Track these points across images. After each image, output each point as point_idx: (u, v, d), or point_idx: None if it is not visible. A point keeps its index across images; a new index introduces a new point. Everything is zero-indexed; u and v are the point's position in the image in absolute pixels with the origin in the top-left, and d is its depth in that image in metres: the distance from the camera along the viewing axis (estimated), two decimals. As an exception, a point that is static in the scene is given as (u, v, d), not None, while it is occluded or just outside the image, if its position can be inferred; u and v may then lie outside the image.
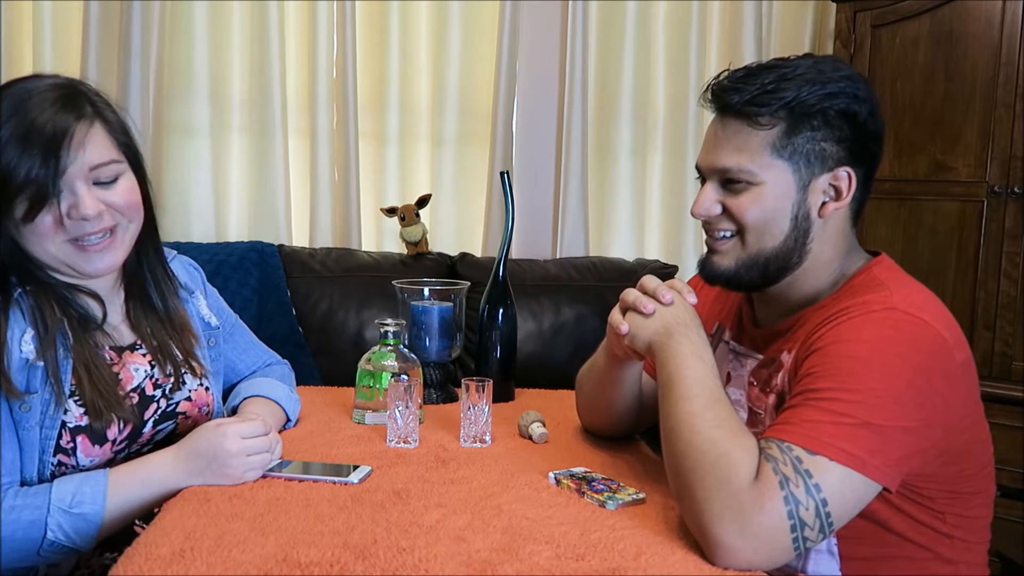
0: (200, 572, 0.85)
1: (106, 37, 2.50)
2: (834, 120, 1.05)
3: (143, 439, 1.17)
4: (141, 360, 1.19)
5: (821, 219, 1.08)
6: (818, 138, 1.06)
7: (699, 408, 0.99)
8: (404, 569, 0.86)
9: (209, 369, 1.29)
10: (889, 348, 0.97)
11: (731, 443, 0.95)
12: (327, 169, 2.65)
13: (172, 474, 1.08)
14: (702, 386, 1.01)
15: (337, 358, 2.29)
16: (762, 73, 1.06)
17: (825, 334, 1.02)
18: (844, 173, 1.07)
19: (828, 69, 1.06)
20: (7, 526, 1.00)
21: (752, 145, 1.06)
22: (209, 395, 1.26)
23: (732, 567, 0.90)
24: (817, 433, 0.93)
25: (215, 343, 1.34)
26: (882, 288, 1.05)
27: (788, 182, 1.07)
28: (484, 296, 1.62)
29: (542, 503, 1.06)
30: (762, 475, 0.91)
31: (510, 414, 1.43)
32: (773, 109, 1.05)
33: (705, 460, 0.94)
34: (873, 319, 1.00)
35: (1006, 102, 2.31)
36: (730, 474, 0.92)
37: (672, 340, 1.07)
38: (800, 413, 0.96)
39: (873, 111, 1.07)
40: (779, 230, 1.08)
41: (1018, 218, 2.30)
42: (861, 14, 2.52)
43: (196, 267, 1.40)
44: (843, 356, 0.98)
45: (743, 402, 1.18)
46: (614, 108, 2.80)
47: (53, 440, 1.07)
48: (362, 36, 2.67)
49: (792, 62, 1.07)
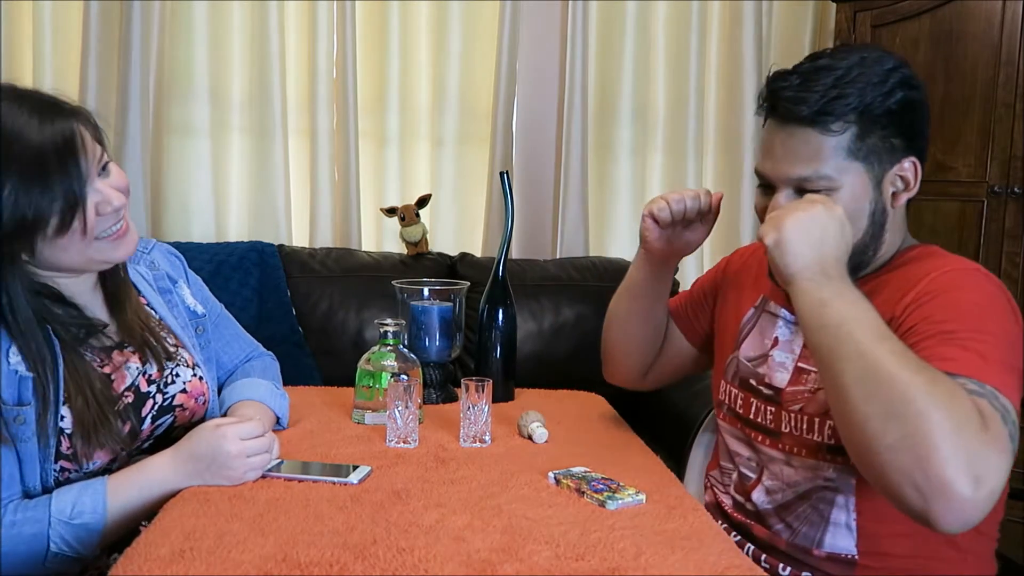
0: (200, 572, 0.85)
1: (106, 37, 2.50)
2: (898, 114, 1.08)
3: (143, 435, 1.16)
4: (131, 357, 1.18)
5: (894, 210, 1.12)
6: (888, 135, 1.08)
7: (899, 348, 0.92)
8: (404, 569, 0.86)
9: (200, 358, 1.28)
10: (997, 296, 1.03)
11: (951, 384, 0.89)
12: (327, 169, 2.65)
13: (171, 477, 1.08)
14: (882, 327, 0.95)
15: (337, 358, 2.29)
16: (818, 77, 1.07)
17: (927, 287, 1.04)
18: (909, 163, 1.10)
19: (876, 64, 1.08)
20: (9, 542, 0.99)
21: (826, 152, 1.07)
22: (204, 384, 1.25)
23: (957, 523, 0.86)
24: (971, 364, 0.93)
25: (203, 331, 1.33)
26: (950, 256, 1.11)
27: (864, 182, 1.09)
28: (484, 296, 1.62)
29: (542, 503, 1.06)
30: (986, 412, 0.88)
31: (510, 414, 1.43)
32: (843, 115, 1.06)
33: (935, 402, 0.86)
34: (969, 275, 1.05)
35: (1006, 102, 2.31)
36: (965, 414, 0.86)
37: (831, 279, 0.99)
38: (937, 357, 0.94)
39: (925, 99, 1.11)
40: (858, 228, 1.10)
41: (1018, 218, 2.30)
42: (861, 14, 2.52)
43: (178, 255, 1.37)
44: (961, 302, 1.01)
45: (788, 364, 1.18)
46: (614, 108, 2.80)
47: (53, 448, 1.06)
48: (362, 36, 2.67)
49: (839, 60, 1.08)
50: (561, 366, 2.28)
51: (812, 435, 1.11)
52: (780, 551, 1.17)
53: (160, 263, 1.32)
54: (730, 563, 0.90)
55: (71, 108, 1.07)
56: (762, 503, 1.19)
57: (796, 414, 1.13)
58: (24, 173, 0.99)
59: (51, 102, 1.06)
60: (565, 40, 2.74)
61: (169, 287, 1.31)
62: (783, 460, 1.15)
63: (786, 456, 1.15)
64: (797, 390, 1.14)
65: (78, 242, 1.06)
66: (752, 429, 1.22)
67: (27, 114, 1.02)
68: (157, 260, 1.32)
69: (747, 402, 1.23)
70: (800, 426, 1.13)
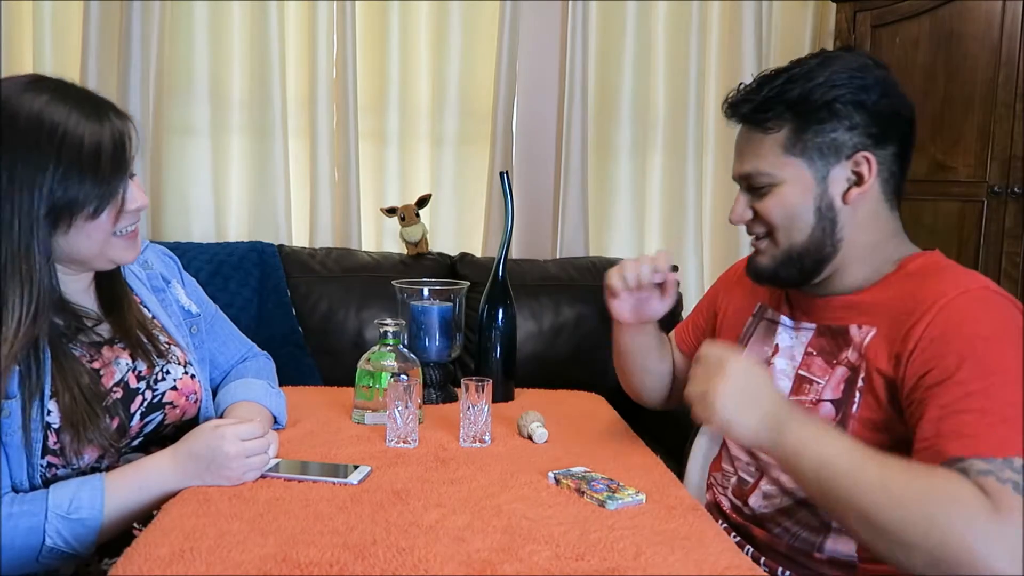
0: (200, 572, 0.85)
1: (106, 37, 2.50)
2: (842, 110, 1.08)
3: (132, 432, 1.16)
4: (121, 353, 1.18)
5: (848, 206, 1.11)
6: (827, 130, 1.09)
7: (879, 472, 0.92)
8: (403, 569, 0.86)
9: (194, 357, 1.28)
10: (1006, 323, 0.99)
11: (943, 486, 0.89)
12: (327, 169, 2.65)
13: (170, 477, 1.08)
14: (857, 454, 0.94)
15: (337, 358, 2.29)
16: (772, 79, 1.11)
17: (940, 322, 1.00)
18: (861, 158, 1.09)
19: (836, 63, 1.09)
20: (5, 534, 0.99)
21: (764, 149, 1.12)
22: (196, 383, 1.25)
23: None
24: (987, 440, 0.91)
25: (197, 330, 1.33)
26: (955, 269, 1.08)
27: (806, 177, 1.10)
28: (484, 296, 1.62)
29: (542, 503, 1.06)
30: (993, 491, 0.88)
31: (510, 414, 1.43)
32: (778, 112, 1.09)
33: (931, 517, 0.87)
34: (973, 298, 1.01)
35: (1006, 102, 2.31)
36: (969, 513, 0.87)
37: (786, 431, 0.98)
38: (968, 421, 0.93)
39: (887, 92, 1.09)
40: (805, 223, 1.11)
41: (1018, 218, 2.30)
42: (861, 14, 2.53)
43: (171, 256, 1.39)
44: (976, 342, 0.97)
45: (789, 371, 1.18)
46: (614, 108, 2.80)
47: (39, 443, 1.06)
48: (362, 36, 2.67)
49: (804, 61, 1.11)
50: (561, 366, 2.28)
51: None
52: (780, 553, 1.16)
53: (154, 263, 1.33)
54: (730, 563, 0.90)
55: (122, 112, 1.14)
56: (758, 508, 1.19)
57: None
58: (81, 161, 1.06)
59: (107, 102, 1.13)
60: (565, 40, 2.74)
61: (162, 286, 1.31)
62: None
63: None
64: (799, 399, 1.14)
65: (101, 233, 1.11)
66: None
67: (87, 108, 1.09)
68: (151, 260, 1.33)
69: None
70: None
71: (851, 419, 1.07)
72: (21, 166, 1.04)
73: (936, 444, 0.94)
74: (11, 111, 1.05)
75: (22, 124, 1.05)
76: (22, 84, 1.09)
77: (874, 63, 1.11)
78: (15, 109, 1.05)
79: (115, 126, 1.10)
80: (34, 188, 1.04)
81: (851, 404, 1.08)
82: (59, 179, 1.05)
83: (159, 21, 2.52)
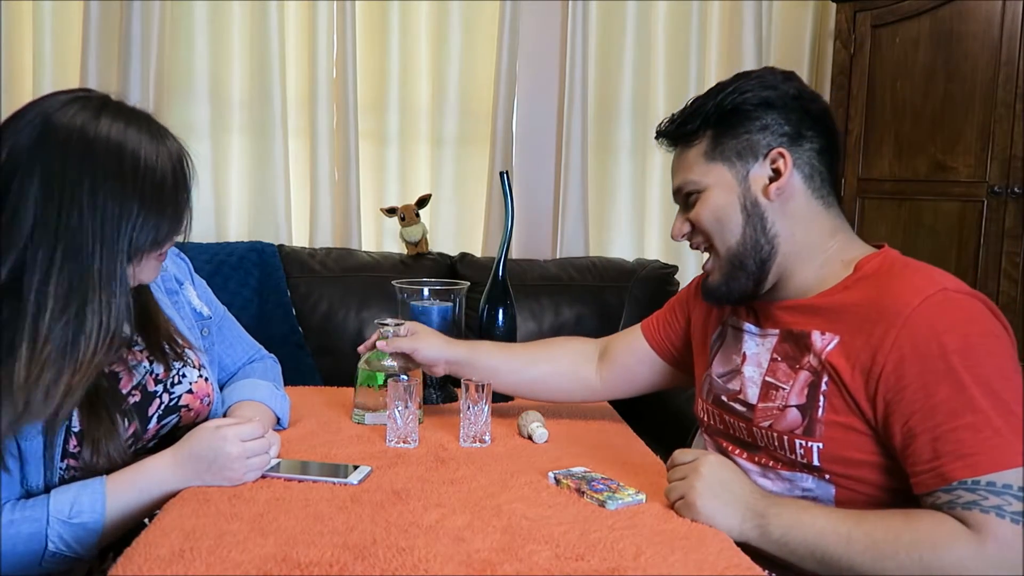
0: (200, 572, 0.85)
1: (106, 37, 2.50)
2: (752, 112, 1.14)
3: (148, 435, 1.16)
4: (139, 356, 1.18)
5: (773, 202, 1.13)
6: (741, 133, 1.14)
7: (864, 543, 0.97)
8: (403, 569, 0.86)
9: (206, 359, 1.28)
10: (972, 328, 1.00)
11: (926, 534, 0.95)
12: (327, 169, 2.65)
13: (171, 478, 1.07)
14: (841, 525, 0.99)
15: (337, 358, 2.29)
16: (693, 101, 1.19)
17: (900, 337, 1.01)
18: (777, 154, 1.13)
19: (749, 75, 1.17)
20: (7, 540, 0.99)
21: (691, 160, 1.18)
22: (209, 385, 1.25)
23: None
24: (995, 451, 0.94)
25: (208, 333, 1.33)
26: (913, 268, 1.08)
27: (728, 179, 1.15)
28: (484, 296, 1.62)
29: (542, 503, 1.06)
30: (976, 523, 0.93)
31: (510, 414, 1.43)
32: (697, 124, 1.16)
33: (925, 563, 0.93)
34: (935, 304, 1.01)
35: (1006, 102, 2.31)
36: (956, 552, 0.92)
37: (769, 523, 1.02)
38: (963, 439, 0.96)
39: (798, 94, 1.14)
40: (735, 223, 1.15)
41: (1018, 218, 2.30)
42: (861, 14, 2.53)
43: (183, 257, 1.38)
44: (942, 355, 0.98)
45: (756, 379, 1.18)
46: (614, 108, 2.80)
47: (60, 447, 1.06)
48: (362, 36, 2.67)
49: (723, 81, 1.19)
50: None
51: (784, 452, 1.12)
52: (765, 556, 1.16)
53: (167, 264, 1.32)
54: (729, 562, 0.91)
55: (168, 130, 1.12)
56: None
57: (767, 430, 1.14)
58: (163, 199, 1.06)
59: (157, 123, 1.11)
60: (565, 40, 2.74)
61: (175, 288, 1.32)
62: (759, 472, 1.16)
63: (762, 469, 1.15)
64: (767, 407, 1.14)
65: (158, 261, 1.13)
66: (731, 443, 1.23)
67: (151, 131, 1.07)
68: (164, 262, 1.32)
69: (722, 419, 1.24)
70: (772, 443, 1.13)
71: (818, 423, 1.08)
72: (103, 197, 1.01)
73: (937, 467, 0.97)
74: (86, 136, 1.02)
75: (101, 150, 1.02)
76: (90, 107, 1.05)
77: (784, 76, 1.16)
78: (91, 135, 1.02)
79: (173, 149, 1.09)
80: (120, 222, 1.03)
81: (816, 408, 1.08)
82: (143, 217, 1.04)
83: (159, 21, 2.52)
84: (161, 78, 2.56)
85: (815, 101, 1.16)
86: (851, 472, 1.05)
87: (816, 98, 1.17)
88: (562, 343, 1.54)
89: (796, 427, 1.10)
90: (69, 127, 1.01)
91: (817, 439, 1.07)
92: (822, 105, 1.18)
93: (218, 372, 1.38)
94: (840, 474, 1.06)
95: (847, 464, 1.06)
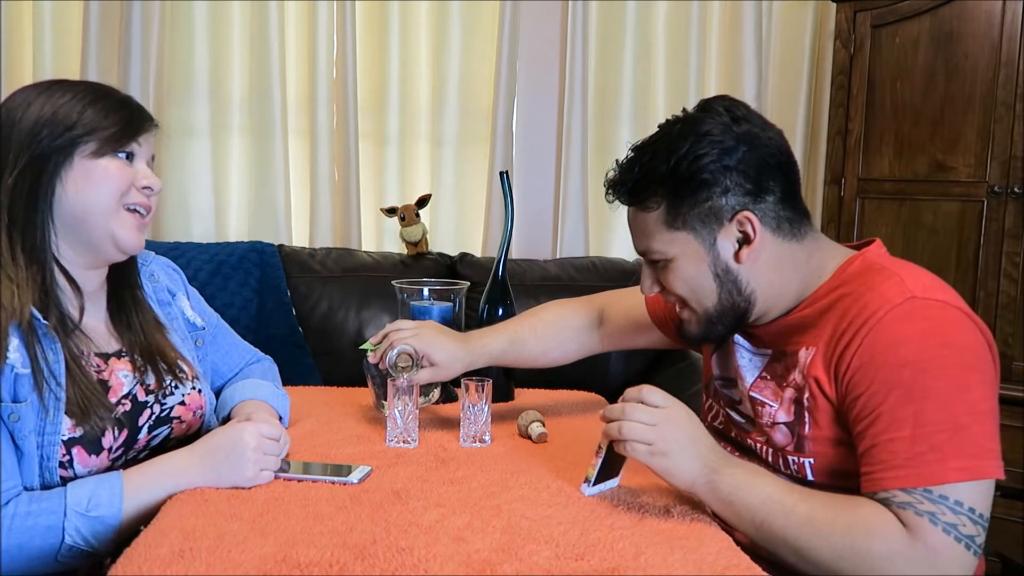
0: (199, 572, 0.85)
1: (106, 37, 2.50)
2: (710, 179, 1.06)
3: (139, 445, 1.16)
4: (127, 367, 1.18)
5: (744, 264, 1.09)
6: (701, 199, 1.07)
7: (803, 519, 0.98)
8: (403, 569, 0.86)
9: (199, 371, 1.29)
10: (931, 341, 0.99)
11: (862, 520, 0.96)
12: (327, 169, 2.65)
13: (188, 471, 1.07)
14: (787, 497, 1.00)
15: (337, 358, 2.29)
16: (641, 154, 1.12)
17: (863, 346, 1.01)
18: (744, 218, 1.08)
19: (699, 126, 1.08)
20: (24, 533, 0.98)
21: (650, 227, 1.11)
22: (202, 397, 1.25)
23: None
24: (927, 467, 0.95)
25: (202, 343, 1.34)
26: (886, 273, 1.05)
27: (695, 247, 1.10)
28: (484, 296, 1.62)
29: (542, 503, 1.06)
30: (910, 523, 0.95)
31: (510, 414, 1.43)
32: (652, 190, 1.09)
33: (856, 549, 0.95)
34: (900, 314, 1.00)
35: (1006, 102, 2.31)
36: (888, 544, 0.94)
37: (720, 474, 1.02)
38: (897, 450, 0.97)
39: (752, 145, 1.07)
40: (709, 289, 1.11)
41: (1018, 218, 2.30)
42: (861, 14, 2.52)
43: (176, 269, 1.38)
44: (895, 366, 0.98)
45: (747, 395, 1.18)
46: (614, 108, 2.80)
47: (55, 449, 1.05)
48: (362, 36, 2.67)
49: (668, 129, 1.11)
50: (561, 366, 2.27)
51: (779, 467, 1.12)
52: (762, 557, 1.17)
53: (159, 276, 1.33)
54: (729, 562, 0.91)
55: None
56: None
57: (763, 444, 1.15)
58: (104, 99, 1.13)
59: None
60: (565, 40, 2.74)
61: (168, 299, 1.32)
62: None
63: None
64: (760, 423, 1.15)
65: (112, 192, 1.11)
66: (731, 444, 1.23)
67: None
68: (156, 272, 1.32)
69: (725, 422, 1.25)
70: (767, 457, 1.14)
71: (806, 439, 1.08)
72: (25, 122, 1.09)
73: (871, 473, 0.99)
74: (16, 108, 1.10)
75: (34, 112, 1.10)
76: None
77: (732, 119, 1.08)
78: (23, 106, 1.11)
79: (138, 104, 1.17)
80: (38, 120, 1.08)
81: (803, 425, 1.09)
82: (55, 105, 1.09)
83: (159, 21, 2.52)
84: (161, 78, 2.56)
85: (769, 141, 1.08)
86: (846, 484, 1.05)
87: (767, 132, 1.09)
88: (555, 323, 1.49)
89: (787, 444, 1.11)
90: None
91: (807, 455, 1.09)
92: (776, 141, 1.09)
93: (214, 378, 1.38)
94: (837, 486, 1.06)
95: (841, 476, 1.06)
